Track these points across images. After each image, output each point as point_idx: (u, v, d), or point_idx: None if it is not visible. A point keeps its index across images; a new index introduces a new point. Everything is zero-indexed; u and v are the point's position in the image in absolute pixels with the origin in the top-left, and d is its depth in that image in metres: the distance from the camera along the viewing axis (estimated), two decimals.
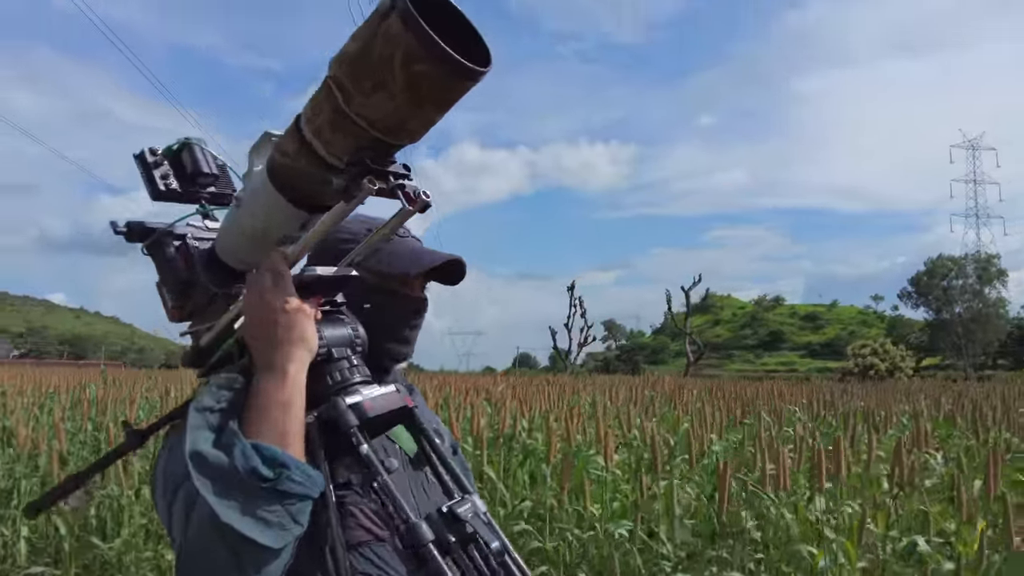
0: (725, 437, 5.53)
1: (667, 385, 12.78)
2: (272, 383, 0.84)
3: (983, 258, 62.07)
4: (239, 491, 0.76)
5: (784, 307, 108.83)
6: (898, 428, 6.08)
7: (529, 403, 7.06)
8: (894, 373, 43.71)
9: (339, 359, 0.93)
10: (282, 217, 0.87)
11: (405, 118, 0.73)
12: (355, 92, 0.71)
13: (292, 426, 0.83)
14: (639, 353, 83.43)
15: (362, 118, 0.73)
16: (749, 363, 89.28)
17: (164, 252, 0.99)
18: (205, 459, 0.77)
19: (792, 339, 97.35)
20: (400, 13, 0.65)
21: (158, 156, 1.05)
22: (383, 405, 0.91)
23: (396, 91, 0.69)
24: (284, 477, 0.77)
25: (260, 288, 0.88)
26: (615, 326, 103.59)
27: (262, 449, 0.78)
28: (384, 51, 0.67)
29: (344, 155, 0.77)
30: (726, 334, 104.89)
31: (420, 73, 0.67)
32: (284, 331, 0.86)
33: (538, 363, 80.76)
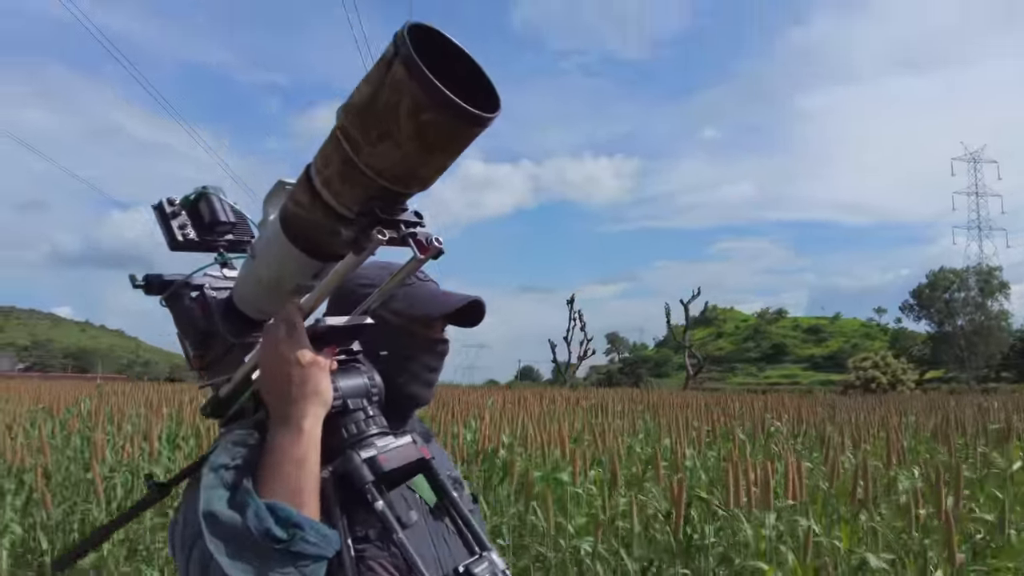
0: (704, 452, 5.59)
1: (656, 398, 12.83)
2: (287, 439, 0.83)
3: (984, 270, 61.95)
4: (252, 553, 0.75)
5: (787, 320, 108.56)
6: (876, 444, 6.12)
7: (517, 419, 7.12)
8: (896, 386, 43.57)
9: (354, 410, 0.92)
10: (296, 267, 0.87)
11: (414, 167, 0.72)
12: (363, 142, 0.71)
13: (307, 483, 0.82)
14: (642, 366, 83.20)
15: (370, 168, 0.72)
16: (752, 376, 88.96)
17: (182, 304, 1.00)
18: (218, 519, 0.77)
19: (795, 352, 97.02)
20: (404, 60, 0.65)
21: (175, 206, 1.06)
22: (399, 458, 0.90)
23: (403, 140, 0.69)
24: (298, 538, 0.76)
25: (275, 340, 0.88)
26: (618, 339, 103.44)
27: (276, 509, 0.77)
28: (390, 99, 0.67)
29: (354, 205, 0.77)
30: (729, 347, 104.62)
31: (427, 122, 0.67)
32: (298, 385, 0.85)
33: (541, 376, 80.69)
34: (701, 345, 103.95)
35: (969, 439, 6.35)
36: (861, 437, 5.89)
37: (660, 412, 8.88)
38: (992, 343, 58.44)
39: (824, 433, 6.23)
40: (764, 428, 7.00)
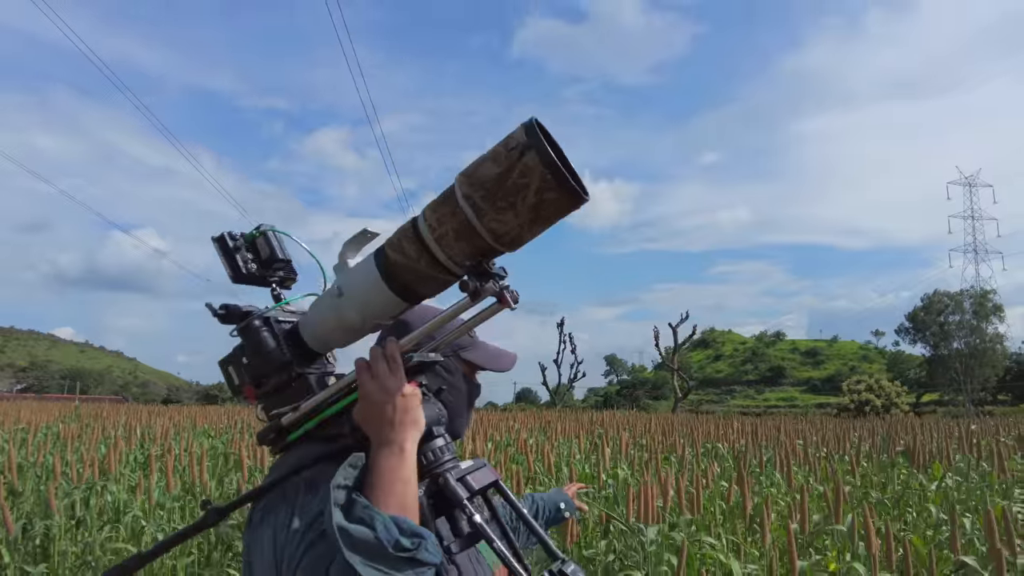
0: (636, 471, 5.87)
1: (631, 420, 13.05)
2: (393, 461, 0.93)
3: (979, 293, 62.06)
4: (384, 562, 0.83)
5: (785, 342, 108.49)
6: (802, 466, 6.39)
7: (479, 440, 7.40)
8: (890, 409, 43.63)
9: (436, 436, 1.02)
10: (383, 308, 0.98)
11: (522, 233, 0.87)
12: (488, 210, 0.85)
13: (413, 500, 0.92)
14: (640, 388, 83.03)
15: (489, 231, 0.86)
16: (750, 398, 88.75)
17: (260, 335, 1.06)
18: (350, 534, 0.84)
19: (793, 374, 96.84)
20: (538, 151, 0.81)
21: (238, 240, 1.14)
22: (482, 479, 1.02)
23: (523, 212, 0.84)
24: (422, 547, 0.85)
25: (380, 374, 0.98)
26: (617, 361, 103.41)
27: (401, 523, 0.86)
28: (520, 180, 0.82)
29: (462, 260, 0.89)
30: (727, 369, 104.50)
31: (547, 200, 0.83)
32: (402, 413, 0.96)
33: (539, 398, 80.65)
34: (699, 368, 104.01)
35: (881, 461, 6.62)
36: (788, 460, 6.18)
37: (613, 433, 9.17)
38: (988, 366, 58.40)
39: (759, 455, 6.51)
40: (694, 449, 7.28)
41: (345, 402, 1.03)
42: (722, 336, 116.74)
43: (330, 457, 0.98)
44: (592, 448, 7.96)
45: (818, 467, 6.18)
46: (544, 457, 5.71)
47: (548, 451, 5.85)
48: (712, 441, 8.22)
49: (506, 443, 7.74)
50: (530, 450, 6.02)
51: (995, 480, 5.82)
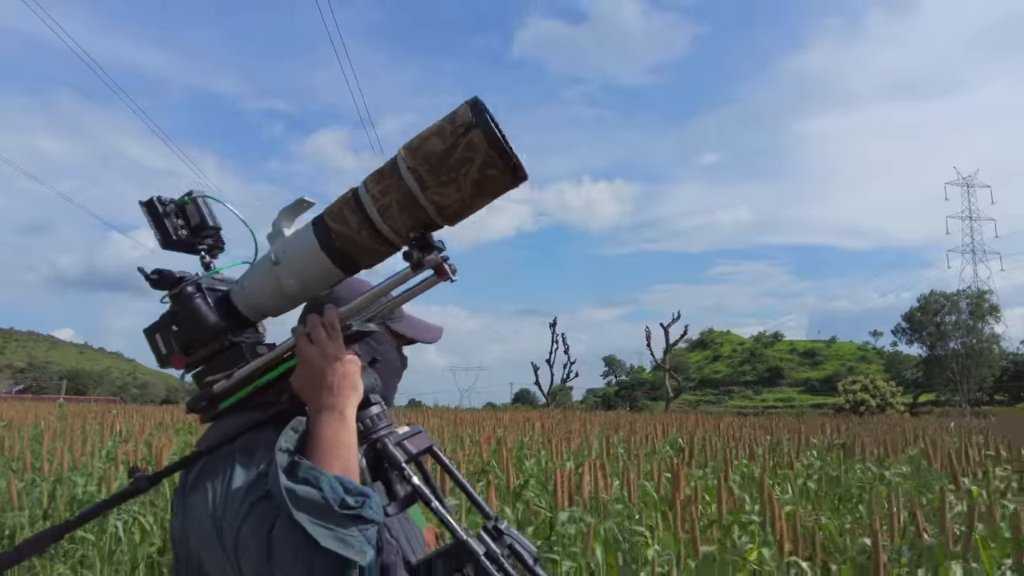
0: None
1: (608, 419, 13.24)
2: (336, 425, 0.95)
3: (975, 294, 62.16)
4: (331, 520, 0.85)
5: (783, 343, 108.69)
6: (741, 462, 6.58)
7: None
8: (885, 409, 43.78)
9: (373, 404, 1.04)
10: (322, 277, 1.00)
11: (464, 208, 0.90)
12: (432, 183, 0.88)
13: (354, 463, 0.94)
14: (639, 389, 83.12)
15: (432, 204, 0.89)
16: (748, 399, 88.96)
17: (193, 301, 1.04)
18: (297, 494, 0.86)
19: (791, 375, 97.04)
20: (484, 130, 0.85)
21: (168, 206, 1.11)
22: (418, 444, 1.04)
23: (465, 187, 0.87)
24: (366, 505, 0.88)
25: (320, 341, 0.99)
26: (616, 362, 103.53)
27: (345, 482, 0.88)
28: (464, 155, 0.86)
29: (404, 231, 0.92)
30: (725, 370, 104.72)
31: (491, 177, 0.87)
32: (341, 379, 0.98)
33: (537, 399, 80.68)
34: (698, 368, 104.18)
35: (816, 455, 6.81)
36: (732, 455, 6.37)
37: (581, 431, 9.36)
38: (984, 366, 58.50)
39: (714, 450, 6.69)
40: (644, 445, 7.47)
41: (280, 370, 1.03)
42: (720, 337, 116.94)
43: (264, 424, 0.99)
44: (547, 443, 8.17)
45: (767, 460, 6.38)
46: (501, 448, 5.91)
47: (505, 446, 6.04)
48: (673, 436, 8.41)
49: (474, 439, 7.94)
50: (486, 442, 6.22)
51: (938, 473, 6.01)
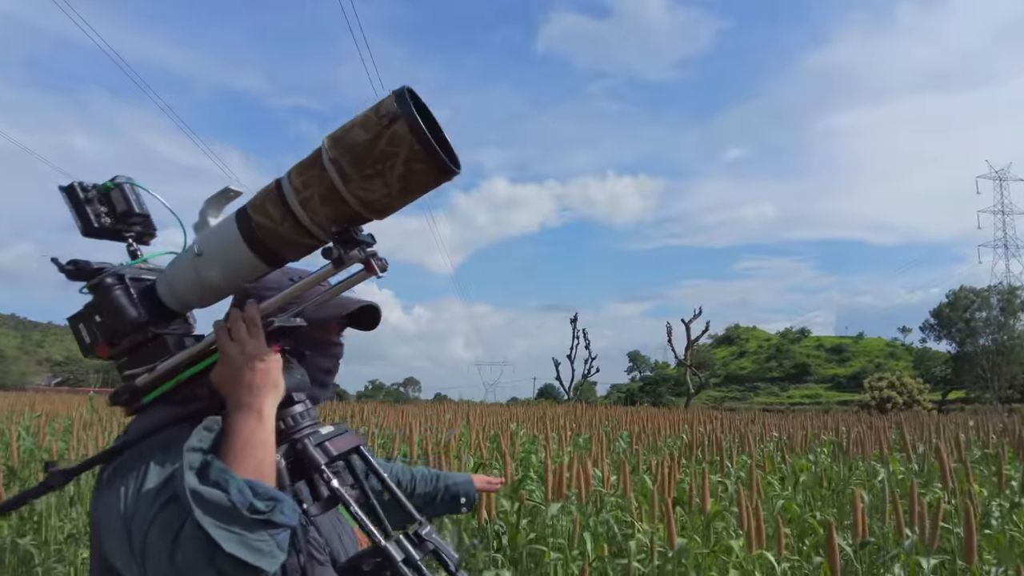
0: None
1: (627, 415, 13.36)
2: (251, 424, 0.93)
3: (1006, 289, 60.91)
4: (238, 524, 0.83)
5: (810, 339, 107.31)
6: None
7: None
8: (912, 406, 43.20)
9: (296, 402, 1.02)
10: (247, 271, 0.97)
11: (392, 202, 0.86)
12: (355, 176, 0.83)
13: (269, 463, 0.92)
14: (663, 384, 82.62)
15: (356, 198, 0.85)
16: (774, 395, 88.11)
17: (112, 293, 1.01)
18: (203, 496, 0.84)
19: (818, 371, 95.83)
20: (407, 121, 0.80)
21: (90, 192, 1.07)
22: (341, 445, 1.01)
23: (392, 181, 0.83)
24: (276, 510, 0.86)
25: (240, 337, 0.97)
26: (640, 357, 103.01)
27: (255, 486, 0.86)
28: (388, 148, 0.81)
29: (327, 225, 0.88)
30: (751, 366, 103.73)
31: (416, 171, 0.82)
32: (260, 376, 0.95)
33: (560, 395, 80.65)
34: (723, 364, 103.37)
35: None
36: (738, 450, 6.50)
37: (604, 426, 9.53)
38: (1016, 363, 57.30)
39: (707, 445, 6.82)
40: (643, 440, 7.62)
41: (203, 364, 1.01)
42: (746, 333, 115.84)
43: (185, 420, 0.97)
44: (546, 436, 8.34)
45: (764, 457, 6.50)
46: (500, 443, 6.10)
47: (505, 441, 6.24)
48: (676, 436, 8.55)
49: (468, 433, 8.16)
50: (485, 437, 6.41)
51: (936, 471, 6.07)
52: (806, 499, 5.80)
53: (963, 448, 5.56)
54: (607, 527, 4.05)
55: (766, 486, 5.82)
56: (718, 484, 5.23)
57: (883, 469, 6.32)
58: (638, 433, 8.37)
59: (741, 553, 3.46)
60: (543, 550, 3.81)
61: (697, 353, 45.62)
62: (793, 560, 4.05)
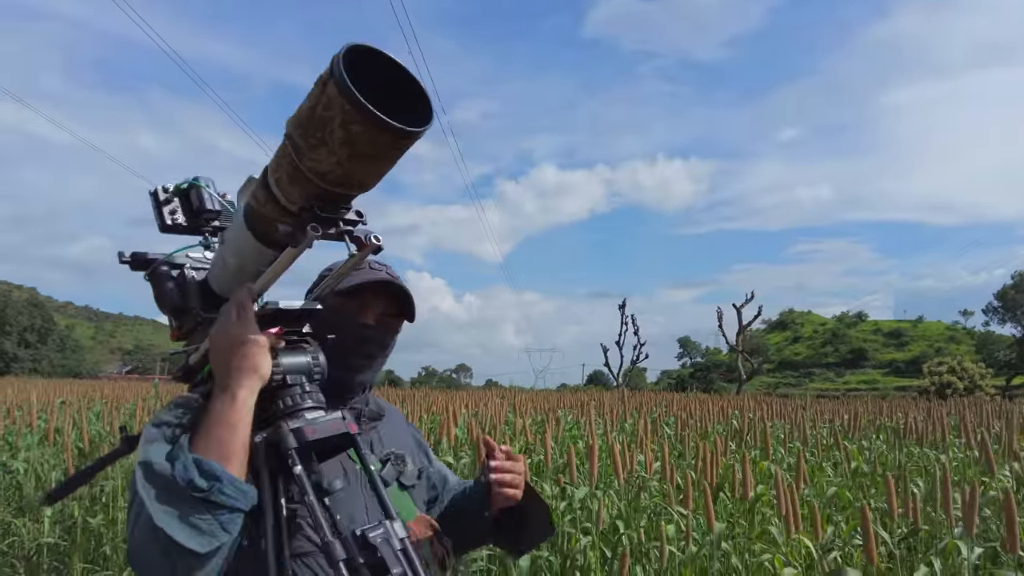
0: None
1: (677, 402, 13.26)
2: (222, 405, 0.93)
3: None
4: (178, 499, 0.85)
5: (867, 323, 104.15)
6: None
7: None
8: (974, 392, 41.64)
9: (292, 385, 1.00)
10: (255, 255, 0.97)
11: (348, 172, 0.81)
12: (304, 148, 0.80)
13: (235, 445, 0.91)
14: (714, 370, 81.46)
15: (311, 172, 0.81)
16: (830, 381, 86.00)
17: (161, 280, 1.09)
18: (152, 468, 0.88)
19: (876, 356, 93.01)
20: (336, 80, 0.74)
21: (168, 193, 1.16)
22: (324, 430, 0.98)
23: (336, 148, 0.78)
24: (216, 489, 0.85)
25: (226, 320, 0.99)
26: (690, 343, 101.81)
27: (202, 463, 0.87)
28: (325, 113, 0.76)
29: (301, 203, 0.86)
30: (806, 351, 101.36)
31: (356, 133, 0.76)
32: (239, 359, 0.95)
33: (610, 381, 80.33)
34: (777, 350, 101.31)
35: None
36: (788, 437, 6.41)
37: (641, 412, 9.50)
38: None
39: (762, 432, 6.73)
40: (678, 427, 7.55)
41: None
42: (801, 317, 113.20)
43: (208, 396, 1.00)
44: (589, 421, 8.34)
45: (818, 444, 6.39)
46: (546, 428, 6.16)
47: (550, 426, 6.28)
48: (726, 422, 8.46)
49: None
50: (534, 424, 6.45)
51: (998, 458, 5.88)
52: (859, 486, 5.69)
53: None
54: (646, 511, 4.06)
55: (819, 472, 5.74)
56: (765, 470, 5.18)
57: (941, 456, 6.17)
58: (685, 419, 8.31)
59: (780, 538, 3.44)
60: (572, 532, 3.85)
61: (750, 339, 44.80)
62: (841, 548, 4.00)
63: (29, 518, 5.52)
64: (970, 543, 3.23)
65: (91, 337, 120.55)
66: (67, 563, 5.17)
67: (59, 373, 57.90)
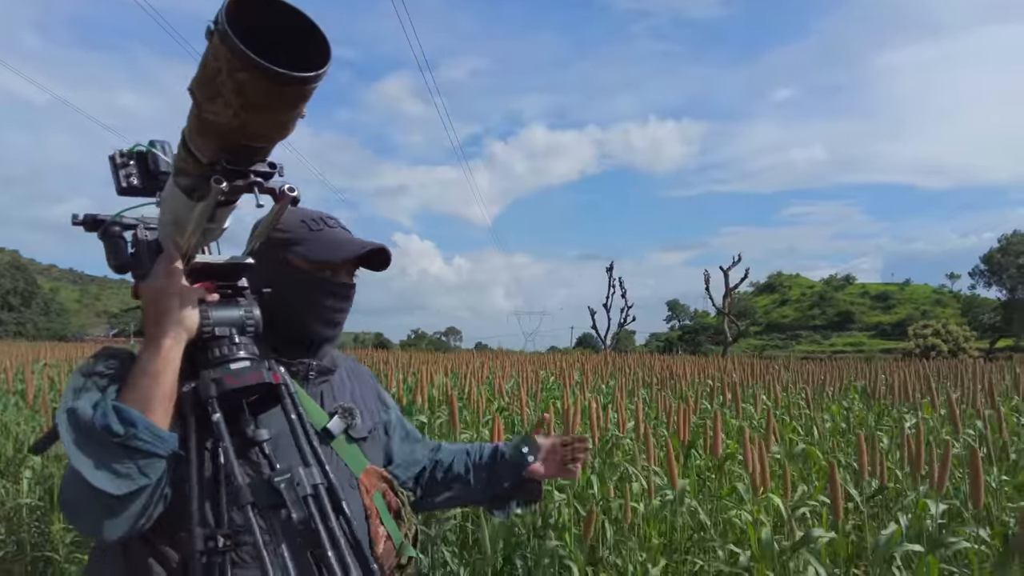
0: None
1: (657, 363, 13.36)
2: (147, 356, 0.97)
3: None
4: (96, 445, 0.88)
5: (855, 286, 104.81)
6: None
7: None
8: (957, 354, 42.25)
9: (220, 337, 1.04)
10: (184, 210, 0.98)
11: (246, 122, 0.81)
12: (203, 101, 0.81)
13: (157, 393, 0.94)
14: (702, 333, 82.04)
15: (213, 124, 0.82)
16: (816, 343, 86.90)
17: (113, 240, 1.12)
18: (76, 415, 0.91)
19: (863, 319, 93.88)
20: (219, 29, 0.73)
21: (124, 157, 1.17)
22: (245, 380, 1.01)
23: (230, 99, 0.78)
24: (131, 435, 0.89)
25: (155, 274, 1.02)
26: (679, 306, 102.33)
27: (120, 410, 0.90)
28: (215, 63, 0.76)
29: (215, 157, 0.87)
30: (793, 314, 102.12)
31: (243, 81, 0.75)
32: (164, 313, 0.99)
33: (598, 343, 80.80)
34: (765, 312, 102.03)
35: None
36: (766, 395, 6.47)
37: (623, 374, 9.56)
38: None
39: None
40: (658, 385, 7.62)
41: None
42: (789, 280, 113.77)
43: None
44: (565, 382, 8.40)
45: (789, 403, 6.47)
46: (521, 389, 6.19)
47: (525, 385, 6.31)
48: (703, 382, 8.53)
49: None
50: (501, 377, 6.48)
51: (968, 416, 5.97)
52: (832, 446, 5.77)
53: (996, 395, 5.43)
54: (619, 469, 4.10)
55: (790, 431, 5.80)
56: (736, 428, 5.23)
57: (911, 416, 6.25)
58: (667, 379, 8.38)
59: (747, 495, 3.48)
60: (548, 490, 3.88)
61: (737, 301, 45.07)
62: (810, 504, 4.06)
63: (8, 479, 5.53)
64: (937, 500, 3.28)
65: (76, 300, 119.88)
66: (46, 522, 5.19)
67: (44, 336, 57.62)
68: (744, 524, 3.41)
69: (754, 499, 3.29)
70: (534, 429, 1.64)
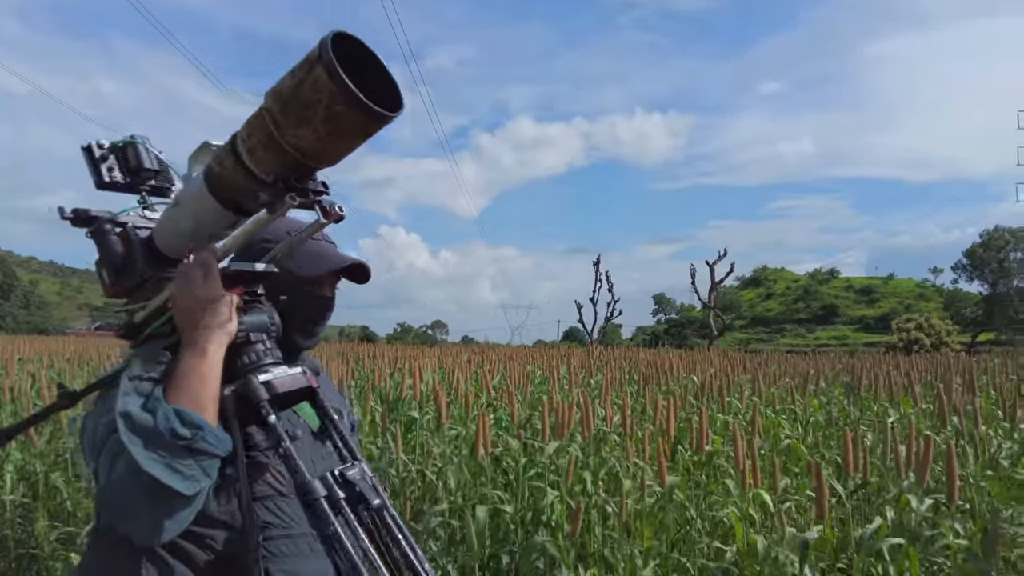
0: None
1: (638, 356, 13.41)
2: (194, 359, 0.99)
3: None
4: (162, 447, 0.91)
5: (839, 280, 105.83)
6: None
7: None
8: (940, 348, 42.72)
9: (255, 342, 1.08)
10: (214, 218, 1.01)
11: (326, 148, 0.88)
12: (286, 125, 0.86)
13: (207, 396, 0.98)
14: (688, 327, 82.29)
15: (291, 146, 0.87)
16: (801, 337, 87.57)
17: (107, 238, 1.11)
18: (133, 419, 0.93)
19: (846, 313, 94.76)
20: (325, 65, 0.79)
21: (104, 150, 1.16)
22: (290, 384, 1.06)
23: (319, 127, 0.84)
24: (199, 437, 0.93)
25: (192, 280, 1.02)
26: (665, 300, 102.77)
27: (182, 413, 0.93)
28: (311, 96, 0.82)
29: (272, 173, 0.91)
30: (778, 308, 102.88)
31: (340, 113, 0.82)
32: (209, 317, 1.01)
33: (586, 337, 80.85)
34: (750, 306, 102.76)
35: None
36: (748, 391, 6.52)
37: (607, 370, 9.60)
38: None
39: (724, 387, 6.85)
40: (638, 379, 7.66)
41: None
42: (774, 274, 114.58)
43: (170, 351, 1.07)
44: (553, 377, 8.42)
45: (774, 398, 6.52)
46: (508, 384, 6.20)
47: (512, 381, 6.31)
48: (688, 377, 8.58)
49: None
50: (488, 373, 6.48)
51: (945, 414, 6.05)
52: (816, 440, 5.82)
53: (976, 389, 5.50)
54: (607, 466, 4.11)
55: (775, 427, 5.85)
56: (723, 423, 5.27)
57: (894, 411, 6.32)
58: (652, 374, 8.41)
59: (736, 491, 3.51)
60: (541, 487, 3.90)
61: (723, 295, 45.30)
62: (796, 500, 4.10)
63: None
64: (920, 495, 3.33)
65: (57, 293, 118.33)
66: (31, 519, 5.15)
67: (24, 330, 56.72)
68: (731, 521, 3.44)
69: (743, 495, 3.33)
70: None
